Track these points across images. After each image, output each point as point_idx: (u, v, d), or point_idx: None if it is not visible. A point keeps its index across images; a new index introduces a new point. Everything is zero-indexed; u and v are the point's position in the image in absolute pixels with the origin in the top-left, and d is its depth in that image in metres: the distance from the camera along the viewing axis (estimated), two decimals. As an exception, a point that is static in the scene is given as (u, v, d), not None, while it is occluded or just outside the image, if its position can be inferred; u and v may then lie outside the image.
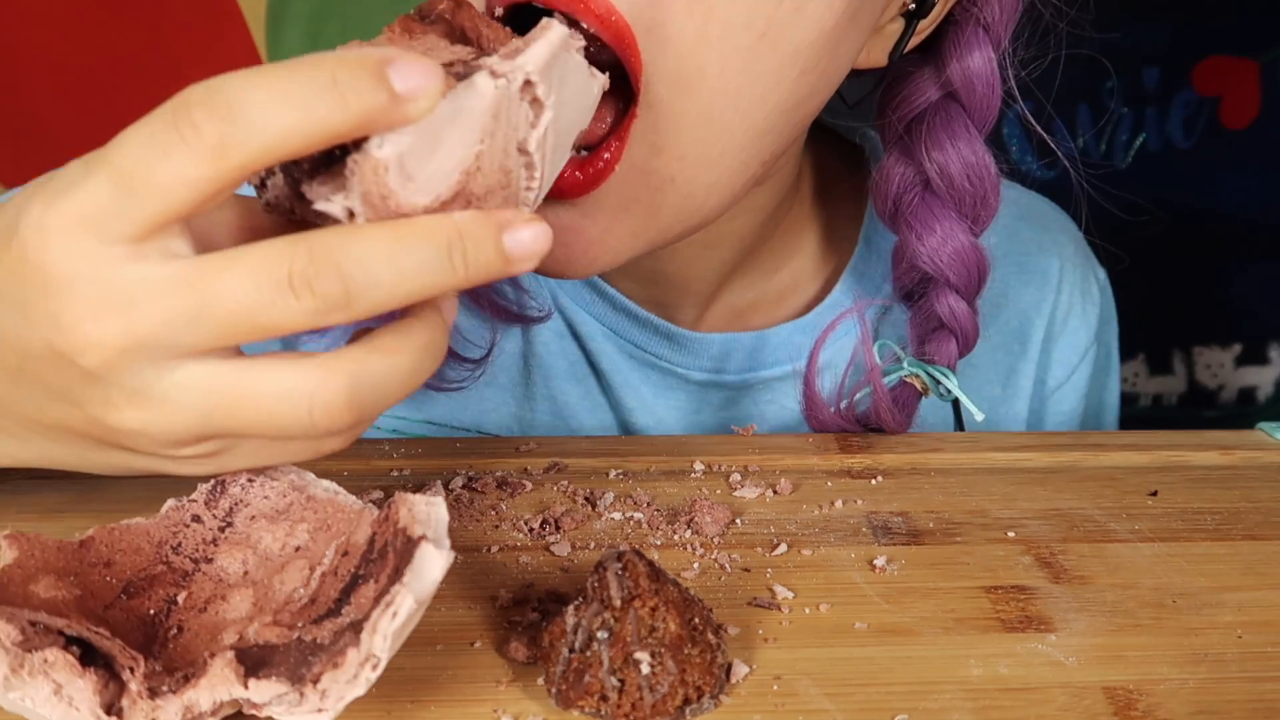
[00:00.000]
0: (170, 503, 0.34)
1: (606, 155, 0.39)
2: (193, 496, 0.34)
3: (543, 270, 0.43)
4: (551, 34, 0.30)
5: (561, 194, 0.40)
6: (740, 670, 0.32)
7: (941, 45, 0.49)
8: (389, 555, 0.29)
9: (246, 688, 0.27)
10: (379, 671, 0.27)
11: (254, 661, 0.28)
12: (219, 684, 0.27)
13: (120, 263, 0.27)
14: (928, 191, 0.52)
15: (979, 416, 0.53)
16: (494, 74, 0.29)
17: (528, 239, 0.29)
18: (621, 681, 0.30)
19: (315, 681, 0.27)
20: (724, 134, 0.40)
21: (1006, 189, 0.54)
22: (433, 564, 0.28)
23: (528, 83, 0.30)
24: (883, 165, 0.53)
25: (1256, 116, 1.23)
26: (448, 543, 0.29)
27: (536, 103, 0.30)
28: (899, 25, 0.46)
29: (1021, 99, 0.52)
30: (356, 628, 0.27)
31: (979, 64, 0.48)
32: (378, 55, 0.26)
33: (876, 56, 0.47)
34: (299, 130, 0.26)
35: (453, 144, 0.28)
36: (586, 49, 0.34)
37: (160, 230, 0.27)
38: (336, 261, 0.26)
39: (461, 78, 0.28)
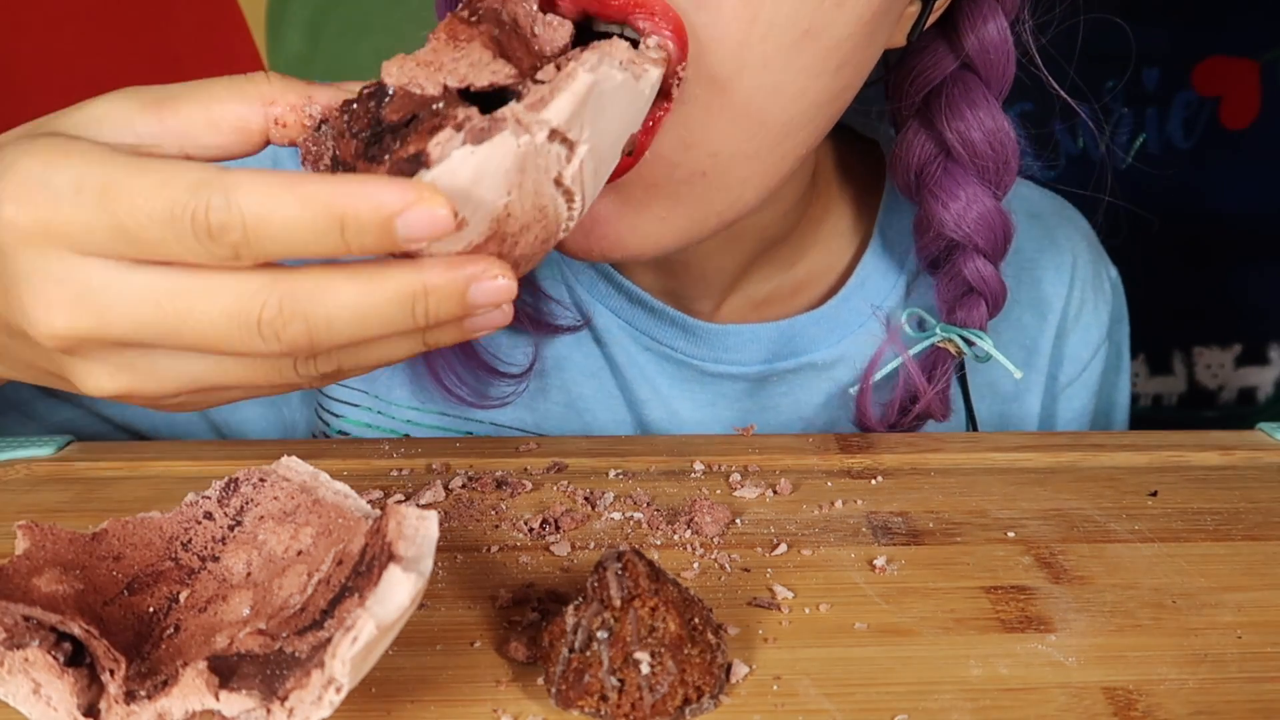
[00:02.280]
0: (190, 497, 0.34)
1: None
2: (206, 493, 0.34)
3: (570, 249, 0.43)
4: (577, 84, 0.29)
5: None
6: (740, 670, 0.32)
7: (956, 18, 0.50)
8: (375, 569, 0.28)
9: (218, 699, 0.27)
10: (342, 694, 0.26)
11: (229, 671, 0.27)
12: (190, 694, 0.27)
13: (95, 268, 0.28)
14: (950, 160, 0.53)
15: (1017, 374, 0.54)
16: (519, 125, 0.28)
17: (491, 293, 0.30)
18: (621, 681, 0.30)
19: (284, 699, 0.26)
20: (760, 130, 0.41)
21: (1019, 185, 0.55)
22: (399, 588, 0.27)
23: (554, 130, 0.29)
24: (903, 139, 0.54)
25: (1256, 117, 1.23)
26: (429, 562, 0.28)
27: (568, 143, 0.30)
28: (916, 6, 0.47)
29: (1021, 99, 0.52)
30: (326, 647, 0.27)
31: (993, 34, 0.49)
32: (388, 205, 0.27)
33: (896, 39, 0.48)
34: (307, 253, 0.28)
35: (480, 200, 0.28)
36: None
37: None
38: (305, 313, 0.28)
39: (484, 134, 0.28)
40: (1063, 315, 0.63)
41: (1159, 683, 0.32)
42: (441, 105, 0.29)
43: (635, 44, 0.33)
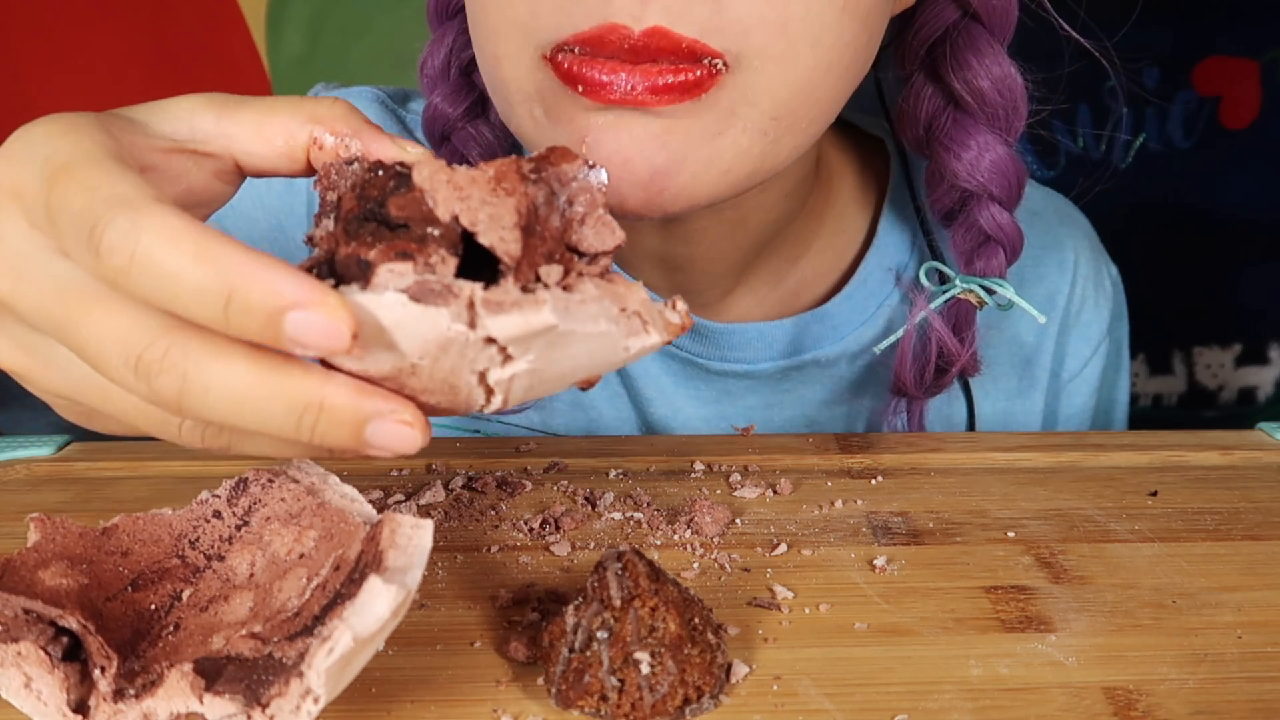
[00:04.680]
0: (202, 495, 0.34)
1: (691, 75, 0.39)
2: (217, 492, 0.34)
3: (631, 207, 0.41)
4: (534, 317, 0.27)
5: (642, 102, 0.39)
6: (740, 670, 0.32)
7: None
8: (363, 578, 0.28)
9: (202, 702, 0.26)
10: (320, 705, 0.26)
11: (216, 674, 0.27)
12: (175, 695, 0.27)
13: (32, 240, 0.28)
14: (959, 111, 0.53)
15: (1041, 319, 0.55)
16: (467, 309, 0.26)
17: (393, 439, 0.27)
18: (621, 681, 0.30)
19: (265, 706, 0.26)
20: (814, 102, 0.42)
21: None
22: (378, 600, 0.27)
23: (494, 339, 0.27)
24: (908, 93, 0.54)
25: (1256, 116, 1.23)
26: (418, 574, 0.28)
27: (505, 353, 0.28)
28: None
29: (1027, 102, 0.52)
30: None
31: None
32: (284, 296, 0.25)
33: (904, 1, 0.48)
34: (185, 311, 0.26)
35: (390, 345, 0.27)
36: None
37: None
38: (185, 371, 0.26)
39: (428, 297, 0.26)
40: (1064, 312, 0.64)
41: (1159, 683, 0.32)
42: (436, 234, 0.27)
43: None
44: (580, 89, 0.38)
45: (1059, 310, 0.63)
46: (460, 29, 0.53)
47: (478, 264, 0.28)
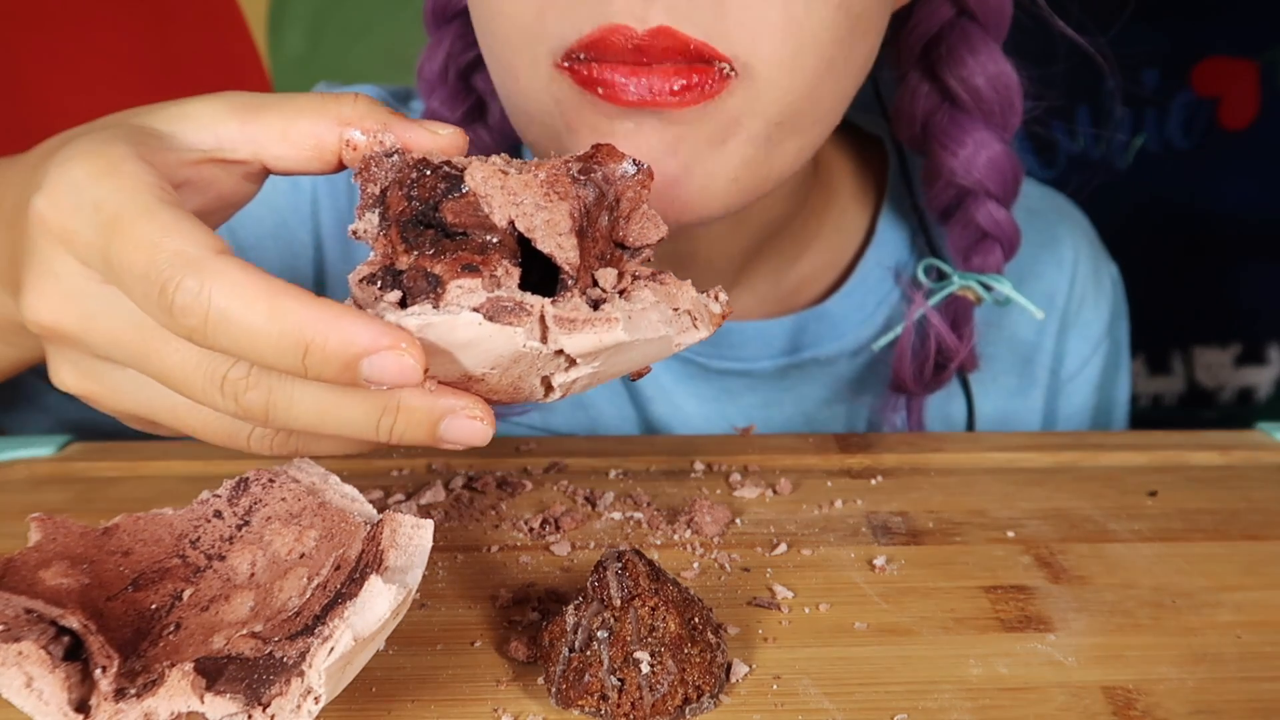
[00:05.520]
0: (203, 495, 0.34)
1: (705, 79, 0.39)
2: (218, 491, 0.34)
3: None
4: (607, 336, 0.28)
5: (663, 104, 0.39)
6: (740, 670, 0.32)
7: None
8: (364, 577, 0.28)
9: (203, 701, 0.27)
10: (321, 704, 0.26)
11: (217, 673, 0.27)
12: (176, 695, 0.27)
13: (91, 278, 0.29)
14: (955, 108, 0.53)
15: (1039, 314, 0.55)
16: (540, 326, 0.27)
17: (465, 433, 0.29)
18: (621, 681, 0.30)
19: (266, 706, 0.26)
20: (818, 104, 0.42)
21: None
22: (379, 599, 0.27)
23: (565, 353, 0.28)
24: (904, 90, 0.54)
25: (1256, 117, 1.23)
26: (418, 573, 0.28)
27: (572, 362, 0.29)
28: None
29: (1022, 99, 0.52)
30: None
31: None
32: (359, 344, 0.26)
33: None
34: (261, 364, 0.27)
35: (462, 360, 0.28)
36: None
37: None
38: (270, 385, 0.28)
39: (503, 316, 0.27)
40: (1064, 311, 0.64)
41: (1158, 682, 0.32)
42: (495, 242, 0.28)
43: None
44: (600, 91, 0.38)
45: (1058, 309, 0.63)
46: (458, 33, 0.53)
47: (531, 260, 0.29)
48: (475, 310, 0.27)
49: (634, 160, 0.31)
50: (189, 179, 0.32)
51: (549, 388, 0.30)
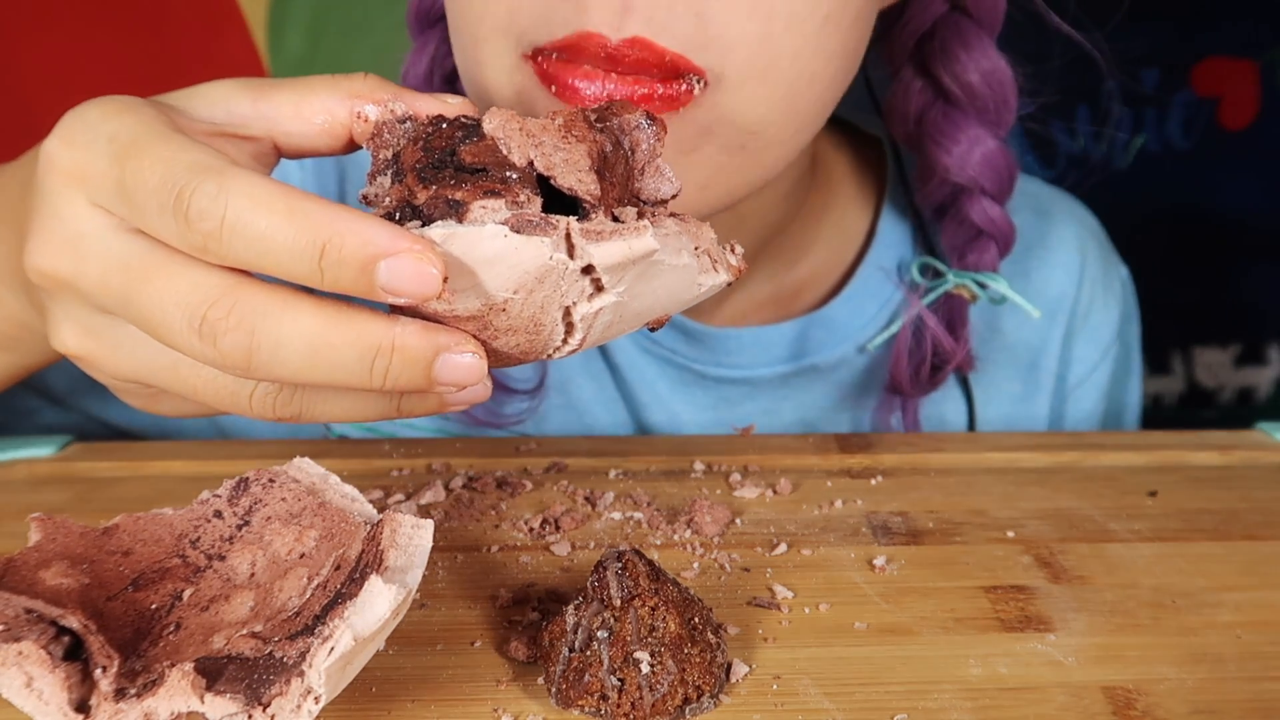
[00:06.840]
0: (203, 495, 0.34)
1: (671, 90, 0.38)
2: (218, 491, 0.34)
3: None
4: (637, 242, 0.27)
5: None
6: (740, 670, 0.32)
7: None
8: (364, 577, 0.28)
9: (203, 701, 0.27)
10: (321, 704, 0.26)
11: (217, 673, 0.27)
12: (176, 695, 0.27)
13: (95, 219, 0.28)
14: (948, 105, 0.53)
15: (1035, 313, 0.55)
16: (566, 240, 0.27)
17: (460, 371, 0.28)
18: (621, 681, 0.30)
19: (266, 706, 0.26)
20: (794, 112, 0.41)
21: (1026, 182, 0.54)
22: (379, 599, 0.27)
23: (591, 266, 0.28)
24: (897, 87, 0.54)
25: (1255, 117, 1.23)
26: (418, 573, 0.28)
27: (598, 284, 0.28)
28: None
29: (1017, 96, 0.52)
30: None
31: None
32: (376, 245, 0.26)
33: None
34: (278, 269, 0.27)
35: (482, 282, 0.27)
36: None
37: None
38: (252, 327, 0.26)
39: (529, 228, 0.27)
40: (1071, 315, 0.63)
41: (1158, 682, 0.32)
42: (514, 177, 0.28)
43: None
44: (553, 89, 0.38)
45: (1065, 313, 0.62)
46: (442, 37, 0.53)
47: (551, 205, 0.28)
48: (502, 223, 0.26)
49: (648, 114, 0.31)
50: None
51: (569, 329, 0.29)
